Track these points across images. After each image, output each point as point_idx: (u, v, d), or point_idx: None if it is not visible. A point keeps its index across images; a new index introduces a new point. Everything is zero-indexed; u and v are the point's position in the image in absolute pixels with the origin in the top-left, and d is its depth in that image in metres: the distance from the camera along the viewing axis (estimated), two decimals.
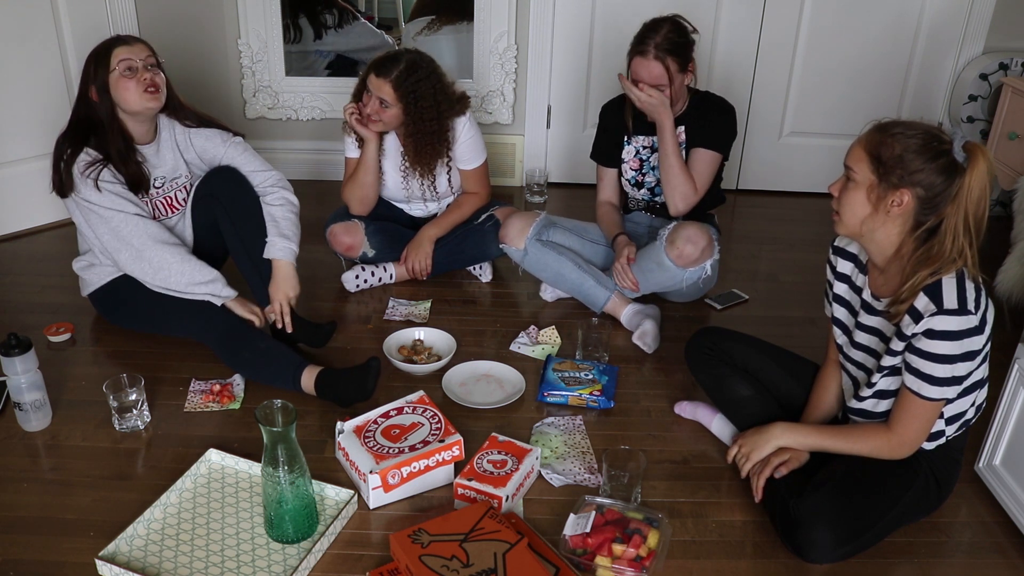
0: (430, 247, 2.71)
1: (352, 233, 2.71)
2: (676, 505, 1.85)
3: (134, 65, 2.17)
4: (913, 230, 1.60)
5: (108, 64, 2.16)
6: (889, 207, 1.57)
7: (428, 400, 1.99)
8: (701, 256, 2.41)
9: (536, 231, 2.59)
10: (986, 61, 3.36)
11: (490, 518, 1.65)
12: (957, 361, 1.56)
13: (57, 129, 2.12)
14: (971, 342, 1.55)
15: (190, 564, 1.63)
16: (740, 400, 1.97)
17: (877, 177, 1.57)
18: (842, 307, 1.82)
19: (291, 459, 1.61)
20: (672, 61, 2.37)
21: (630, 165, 2.63)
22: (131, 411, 2.01)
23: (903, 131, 1.55)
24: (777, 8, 3.35)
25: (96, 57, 2.17)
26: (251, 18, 3.39)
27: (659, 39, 2.35)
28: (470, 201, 2.80)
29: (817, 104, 3.53)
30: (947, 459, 1.76)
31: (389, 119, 2.55)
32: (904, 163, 1.54)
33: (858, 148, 1.60)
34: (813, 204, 3.58)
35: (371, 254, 2.73)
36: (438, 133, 2.59)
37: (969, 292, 1.54)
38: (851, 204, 1.61)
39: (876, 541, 1.72)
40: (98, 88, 2.17)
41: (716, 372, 2.01)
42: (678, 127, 2.51)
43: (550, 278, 2.61)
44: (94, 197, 2.17)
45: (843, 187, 1.64)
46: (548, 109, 3.57)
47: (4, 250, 2.94)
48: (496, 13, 3.38)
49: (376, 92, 2.51)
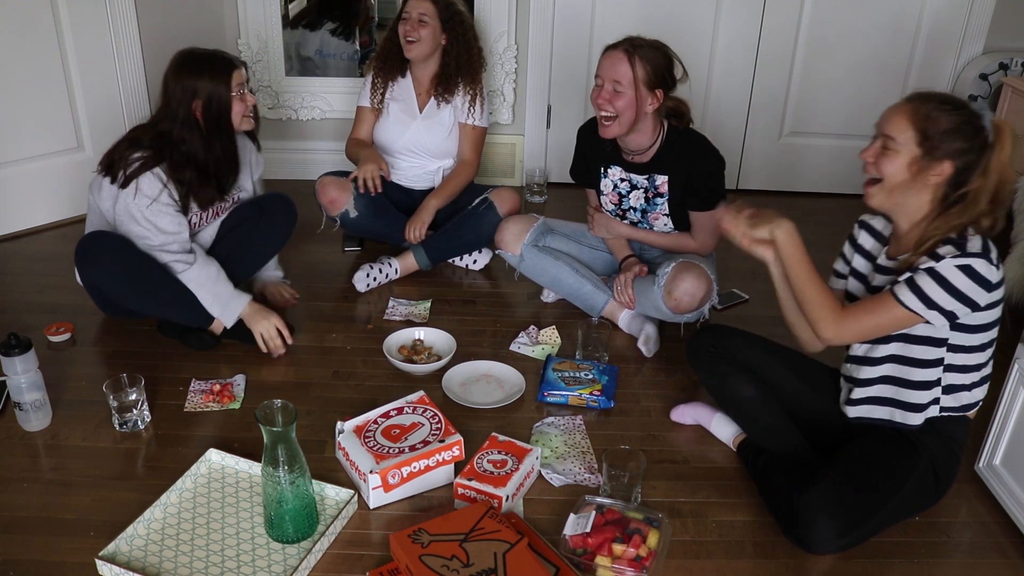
0: (429, 217, 2.78)
1: (341, 188, 2.75)
2: (676, 505, 1.85)
3: (243, 89, 2.23)
4: (942, 199, 1.65)
5: (228, 85, 2.19)
6: (929, 178, 1.62)
7: (428, 400, 1.99)
8: (699, 304, 2.35)
9: (533, 237, 2.59)
10: (986, 61, 3.36)
11: (490, 518, 1.65)
12: (957, 296, 1.57)
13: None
14: (979, 292, 1.57)
15: (190, 564, 1.63)
16: (743, 400, 1.93)
17: (922, 151, 1.61)
18: (858, 281, 1.86)
19: (291, 459, 1.61)
20: (642, 67, 2.21)
21: (609, 199, 2.52)
22: (131, 411, 2.01)
23: (949, 108, 1.61)
24: (777, 8, 3.35)
25: (211, 76, 2.16)
26: (251, 18, 3.39)
27: (638, 42, 2.24)
28: (463, 171, 2.89)
29: (817, 104, 3.53)
30: (947, 452, 1.76)
31: (428, 38, 2.70)
32: (950, 139, 1.59)
33: (901, 119, 1.63)
34: (813, 204, 3.59)
35: (353, 215, 2.76)
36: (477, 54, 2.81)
37: (993, 250, 1.60)
38: (892, 172, 1.65)
39: (876, 532, 1.73)
40: (209, 106, 2.17)
41: (719, 370, 1.96)
42: (659, 176, 2.38)
43: (547, 283, 2.60)
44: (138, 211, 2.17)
45: (879, 154, 1.66)
46: (548, 109, 3.57)
47: (4, 250, 2.94)
48: (496, 13, 3.38)
49: (414, 10, 2.68)
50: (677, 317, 2.39)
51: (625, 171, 2.45)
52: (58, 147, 3.04)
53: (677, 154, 2.36)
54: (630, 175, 2.45)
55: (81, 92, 3.02)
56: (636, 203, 2.47)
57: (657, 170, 2.39)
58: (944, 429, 1.75)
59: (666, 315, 2.39)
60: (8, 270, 2.81)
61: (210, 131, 2.21)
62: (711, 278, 2.36)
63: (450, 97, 2.81)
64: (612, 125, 2.28)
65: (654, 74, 2.24)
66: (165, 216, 2.20)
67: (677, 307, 2.33)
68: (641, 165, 2.41)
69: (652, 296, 2.38)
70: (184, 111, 2.17)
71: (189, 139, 2.19)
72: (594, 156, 2.50)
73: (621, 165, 2.45)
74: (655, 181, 2.41)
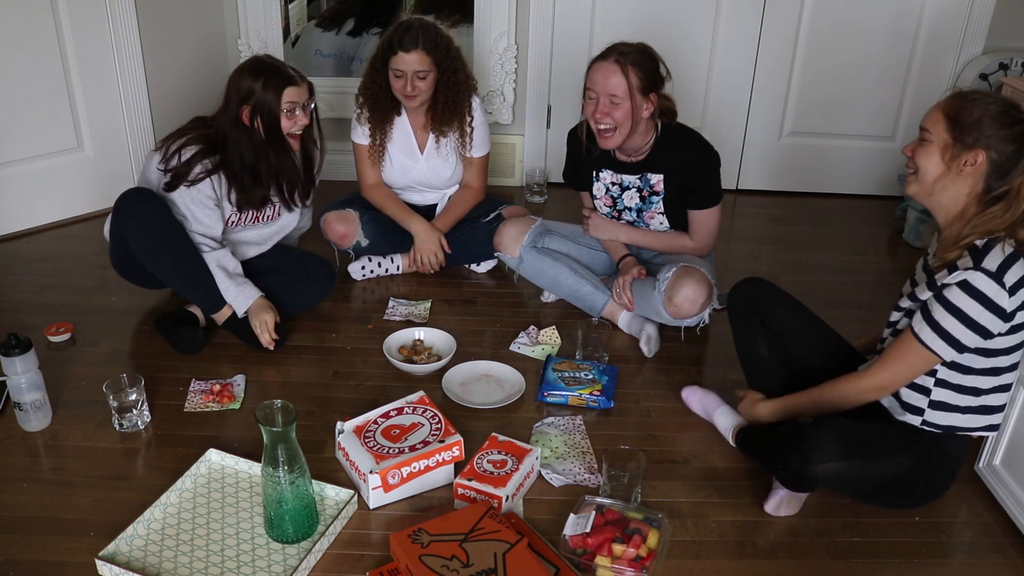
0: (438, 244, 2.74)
1: (346, 222, 2.73)
2: (676, 505, 1.85)
3: (295, 108, 2.25)
4: (982, 195, 1.63)
5: (279, 100, 2.22)
6: (962, 167, 1.61)
7: (428, 400, 1.99)
8: (700, 310, 2.35)
9: (531, 238, 2.59)
10: (986, 61, 3.36)
11: (490, 518, 1.65)
12: (969, 326, 1.57)
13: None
14: (990, 318, 1.56)
15: (190, 564, 1.63)
16: (757, 358, 2.02)
17: (952, 138, 1.61)
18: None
19: (291, 459, 1.61)
20: (635, 74, 2.21)
21: (603, 202, 2.53)
22: (131, 411, 2.01)
23: (982, 98, 1.61)
24: (777, 8, 3.35)
25: (264, 84, 2.21)
26: (251, 18, 3.40)
27: (625, 50, 2.23)
28: (468, 196, 2.82)
29: (817, 104, 3.53)
30: (942, 454, 1.75)
31: (428, 87, 2.59)
32: (980, 126, 1.59)
33: (936, 111, 1.65)
34: (813, 204, 3.59)
35: (364, 244, 2.75)
36: (465, 84, 2.65)
37: (1013, 271, 1.56)
38: (926, 163, 1.65)
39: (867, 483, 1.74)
40: (256, 114, 2.23)
41: (749, 323, 2.03)
42: (654, 175, 2.40)
43: (547, 284, 2.60)
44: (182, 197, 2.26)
45: (917, 147, 1.68)
46: (548, 109, 3.57)
47: (4, 250, 2.94)
48: (496, 13, 3.38)
49: (409, 68, 2.53)
50: (677, 322, 2.40)
51: (616, 173, 2.45)
52: (58, 147, 3.04)
53: (672, 151, 2.37)
54: (621, 176, 2.45)
55: (81, 92, 3.02)
56: (631, 203, 2.47)
57: (651, 169, 2.40)
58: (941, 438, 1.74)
59: (666, 320, 2.39)
60: (8, 270, 2.81)
61: (258, 138, 2.26)
62: (711, 283, 2.36)
63: (448, 130, 2.70)
64: (613, 136, 2.29)
65: (647, 80, 2.24)
66: (203, 208, 2.28)
67: (678, 313, 2.34)
68: (633, 165, 2.42)
69: (653, 301, 2.38)
70: (234, 111, 2.25)
71: (236, 139, 2.26)
72: (584, 161, 2.50)
73: (612, 168, 2.46)
74: (649, 180, 2.41)
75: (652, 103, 2.27)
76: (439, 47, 2.55)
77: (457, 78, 2.62)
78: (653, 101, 2.27)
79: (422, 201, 2.88)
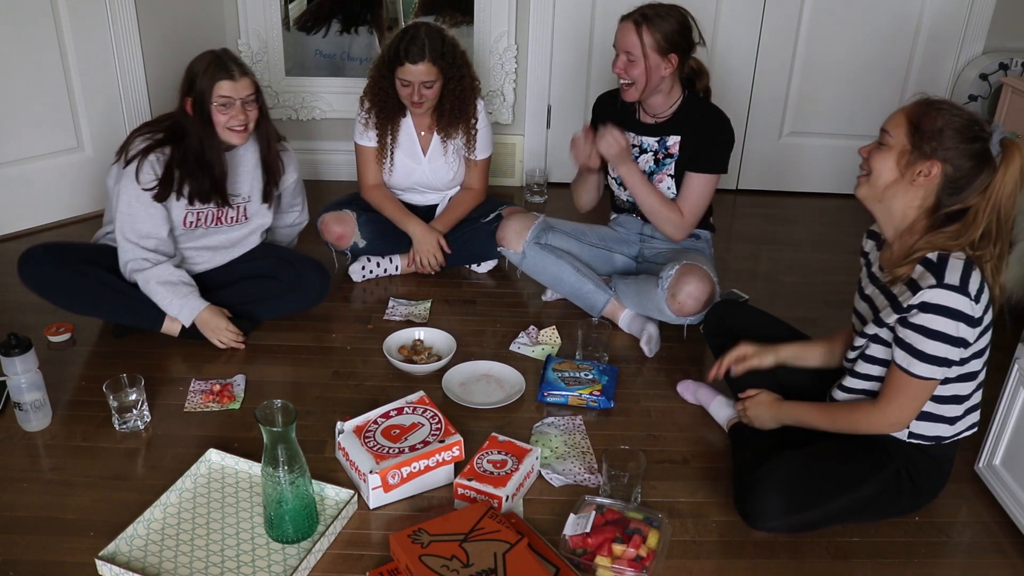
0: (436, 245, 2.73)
1: (343, 223, 2.73)
2: (676, 505, 1.85)
3: (231, 102, 2.22)
4: (932, 209, 1.60)
5: (211, 92, 2.20)
6: (916, 176, 1.58)
7: (428, 400, 1.99)
8: (703, 307, 2.35)
9: (534, 234, 2.59)
10: (986, 61, 3.36)
11: (490, 518, 1.65)
12: (950, 343, 1.55)
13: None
14: (965, 329, 1.55)
15: (190, 564, 1.63)
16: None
17: (911, 144, 1.58)
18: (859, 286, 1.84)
19: (291, 459, 1.61)
20: (649, 33, 2.26)
21: None
22: (131, 411, 2.01)
23: (948, 109, 1.57)
24: (777, 8, 3.36)
25: (201, 78, 2.20)
26: (251, 18, 3.40)
27: (649, 12, 2.29)
28: (469, 197, 2.82)
29: (817, 104, 3.53)
30: (926, 459, 1.74)
31: (434, 95, 2.60)
32: (941, 136, 1.54)
33: (899, 115, 1.62)
34: (813, 204, 3.59)
35: (362, 244, 2.75)
36: (471, 88, 2.66)
37: (973, 279, 1.53)
38: (880, 166, 1.63)
39: (828, 522, 1.74)
40: (193, 106, 2.23)
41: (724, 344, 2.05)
42: (672, 137, 2.43)
43: (548, 281, 2.60)
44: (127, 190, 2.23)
45: (874, 149, 1.65)
46: (548, 109, 3.57)
47: (4, 250, 2.93)
48: (496, 13, 3.38)
49: (416, 79, 2.53)
50: (680, 320, 2.40)
51: (637, 135, 2.49)
52: (58, 147, 3.05)
53: (695, 117, 2.43)
54: (641, 138, 2.49)
55: (81, 92, 3.02)
56: (645, 166, 2.50)
57: (671, 131, 2.44)
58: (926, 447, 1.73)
59: (669, 318, 2.40)
60: (8, 270, 2.80)
61: (200, 130, 2.24)
62: (714, 281, 2.37)
63: (454, 132, 2.71)
64: (631, 90, 2.37)
65: (664, 40, 2.28)
66: (146, 207, 2.24)
67: (681, 310, 2.34)
68: (655, 127, 2.46)
69: (655, 299, 2.38)
70: (180, 102, 2.26)
71: (185, 127, 2.25)
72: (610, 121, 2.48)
73: (634, 130, 2.49)
74: (666, 142, 2.46)
75: (671, 63, 2.32)
76: (445, 56, 2.55)
77: (463, 84, 2.63)
78: (672, 62, 2.32)
79: (423, 202, 2.88)
